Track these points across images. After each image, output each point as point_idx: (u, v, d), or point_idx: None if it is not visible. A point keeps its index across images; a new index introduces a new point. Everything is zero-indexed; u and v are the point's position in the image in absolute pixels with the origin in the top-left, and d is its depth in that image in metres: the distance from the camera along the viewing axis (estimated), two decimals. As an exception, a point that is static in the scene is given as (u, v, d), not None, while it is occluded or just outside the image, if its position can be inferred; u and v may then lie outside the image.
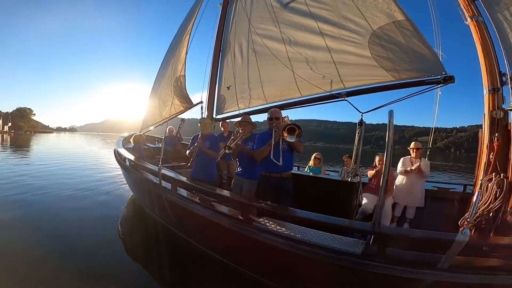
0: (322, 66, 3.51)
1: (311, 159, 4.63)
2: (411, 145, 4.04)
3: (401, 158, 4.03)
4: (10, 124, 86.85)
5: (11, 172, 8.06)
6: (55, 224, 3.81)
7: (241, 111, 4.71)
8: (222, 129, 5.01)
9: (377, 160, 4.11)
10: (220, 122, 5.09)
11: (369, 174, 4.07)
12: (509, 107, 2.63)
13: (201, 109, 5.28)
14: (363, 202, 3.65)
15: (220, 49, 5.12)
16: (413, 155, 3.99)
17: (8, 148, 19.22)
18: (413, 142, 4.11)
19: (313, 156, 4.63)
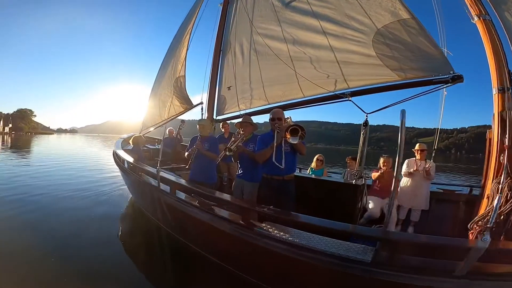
0: (325, 66, 3.43)
1: (313, 161, 4.53)
2: (416, 147, 3.95)
3: (406, 160, 3.94)
4: (10, 125, 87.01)
5: (11, 173, 8.05)
6: (54, 225, 3.81)
7: (242, 111, 4.64)
8: (222, 130, 4.94)
9: (382, 162, 4.03)
10: (220, 123, 5.02)
11: (374, 176, 3.98)
12: None
13: (201, 110, 5.20)
14: (370, 206, 3.56)
15: (221, 49, 5.06)
16: (418, 156, 3.90)
17: (9, 149, 19.22)
18: (418, 144, 4.02)
19: (315, 157, 4.53)
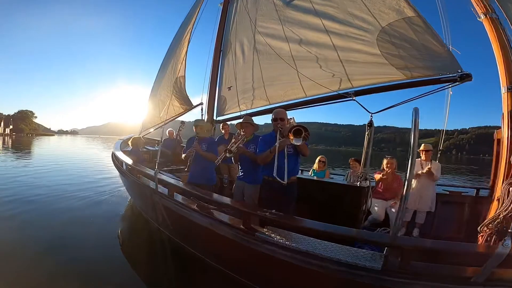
0: (328, 65, 3.35)
1: (315, 162, 4.44)
2: (421, 147, 3.87)
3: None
4: (11, 127, 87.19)
5: (10, 174, 8.07)
6: (53, 226, 3.81)
7: (242, 112, 4.56)
8: (222, 131, 4.87)
9: (385, 163, 3.96)
10: (220, 124, 4.94)
11: (376, 178, 3.89)
12: None
13: (201, 111, 5.13)
14: (375, 209, 3.47)
15: (221, 49, 4.99)
16: (422, 157, 3.82)
17: (9, 150, 19.25)
18: (423, 144, 3.93)
19: (318, 159, 4.45)
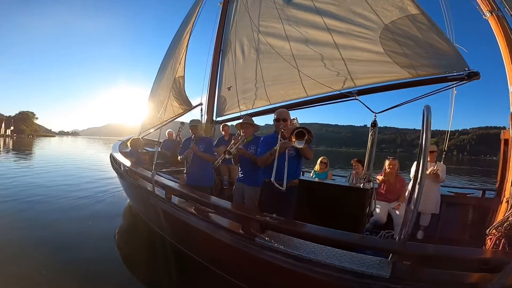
0: (330, 64, 3.28)
1: (317, 163, 4.36)
2: None
3: (415, 162, 3.76)
4: (12, 128, 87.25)
5: (10, 175, 8.08)
6: (52, 226, 3.83)
7: (242, 112, 4.49)
8: (222, 132, 4.79)
9: (387, 165, 3.88)
10: (220, 126, 4.87)
11: (378, 179, 3.81)
12: None
13: (201, 111, 5.05)
14: (377, 211, 3.39)
15: (221, 48, 4.92)
16: (427, 158, 3.73)
17: (10, 151, 19.24)
18: None
19: (319, 160, 4.37)
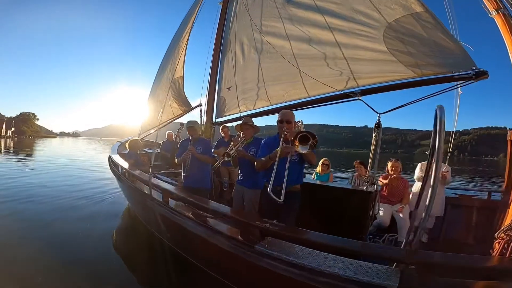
0: (332, 63, 3.20)
1: (319, 165, 4.28)
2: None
3: (419, 164, 3.71)
4: (13, 129, 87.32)
5: (10, 175, 8.10)
6: (52, 226, 3.85)
7: (242, 113, 4.41)
8: (222, 134, 4.72)
9: (390, 166, 3.82)
10: (220, 127, 4.80)
11: (381, 182, 3.74)
12: None
13: (200, 112, 4.98)
14: (380, 213, 3.31)
15: (220, 48, 4.85)
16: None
17: (10, 152, 19.22)
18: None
19: (321, 161, 4.29)
